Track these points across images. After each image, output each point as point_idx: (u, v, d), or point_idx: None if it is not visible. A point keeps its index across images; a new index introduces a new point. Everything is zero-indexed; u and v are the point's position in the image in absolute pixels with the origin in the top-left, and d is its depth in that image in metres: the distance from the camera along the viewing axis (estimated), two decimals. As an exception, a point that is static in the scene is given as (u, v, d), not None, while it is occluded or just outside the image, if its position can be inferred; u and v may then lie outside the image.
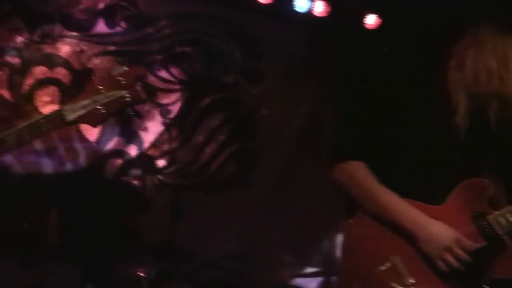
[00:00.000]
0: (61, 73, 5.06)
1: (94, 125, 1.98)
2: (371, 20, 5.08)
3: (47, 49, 5.08)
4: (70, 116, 1.94)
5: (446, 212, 2.42)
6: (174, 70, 5.04)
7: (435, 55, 2.63)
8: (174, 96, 5.05)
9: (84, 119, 1.95)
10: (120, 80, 1.93)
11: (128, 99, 1.93)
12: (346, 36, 5.16)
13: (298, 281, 5.04)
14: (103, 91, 1.93)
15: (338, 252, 4.95)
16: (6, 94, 4.77)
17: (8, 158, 4.61)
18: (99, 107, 1.93)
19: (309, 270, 5.07)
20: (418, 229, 2.36)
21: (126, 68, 1.98)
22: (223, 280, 4.86)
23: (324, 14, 5.04)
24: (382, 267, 2.35)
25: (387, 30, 4.99)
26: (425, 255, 2.36)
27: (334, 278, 4.86)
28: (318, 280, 5.03)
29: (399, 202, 2.43)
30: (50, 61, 5.06)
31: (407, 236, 2.38)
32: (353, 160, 2.55)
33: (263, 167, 5.04)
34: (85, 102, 1.94)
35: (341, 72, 5.05)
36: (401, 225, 2.39)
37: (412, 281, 2.32)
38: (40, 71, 5.05)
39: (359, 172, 2.52)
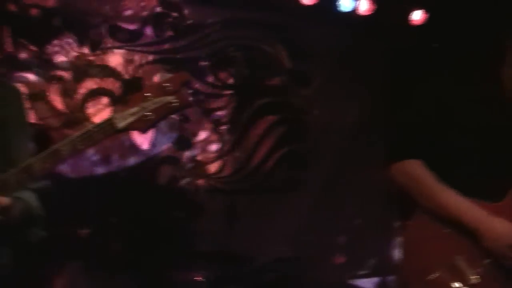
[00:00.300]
0: (111, 83, 5.15)
1: (143, 131, 1.98)
2: (417, 16, 5.03)
3: (97, 60, 5.18)
4: (121, 124, 1.96)
5: (506, 209, 2.38)
6: (222, 76, 5.08)
7: (489, 49, 2.58)
8: (223, 101, 5.09)
9: (134, 126, 1.96)
10: (166, 86, 1.96)
11: (175, 104, 1.95)
12: (393, 34, 5.12)
13: (353, 283, 5.00)
14: (151, 98, 1.96)
15: (394, 253, 4.90)
16: (59, 105, 4.87)
17: (65, 167, 4.72)
18: (148, 113, 1.95)
19: (364, 272, 5.03)
20: (483, 228, 2.31)
21: (171, 75, 2.03)
22: (278, 283, 4.85)
23: (369, 13, 5.01)
24: (445, 268, 2.32)
25: (435, 25, 4.92)
26: (491, 253, 2.31)
27: (389, 279, 4.82)
28: (373, 282, 4.98)
29: (461, 201, 2.38)
30: (101, 72, 5.16)
31: (470, 235, 2.34)
32: (411, 159, 2.51)
33: (314, 168, 5.02)
34: (134, 109, 1.96)
35: (391, 70, 5.00)
36: (465, 223, 2.34)
37: (477, 280, 2.28)
38: (91, 82, 5.15)
39: (418, 171, 2.47)
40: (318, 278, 4.84)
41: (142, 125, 1.97)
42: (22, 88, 4.27)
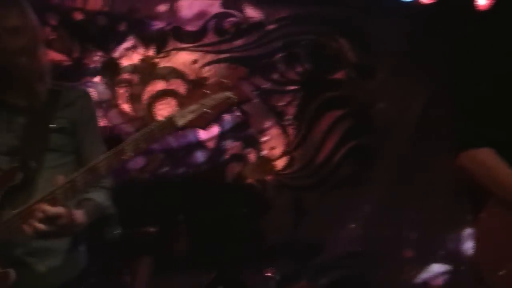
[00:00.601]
0: (177, 84, 5.23)
1: (203, 128, 2.04)
2: (483, 0, 4.88)
3: (162, 62, 5.26)
4: (181, 122, 2.01)
5: None
6: (286, 72, 5.08)
7: None
8: (288, 97, 5.08)
9: (193, 123, 2.01)
10: (224, 82, 1.99)
11: (233, 99, 1.99)
12: (457, 22, 4.98)
13: (423, 277, 4.91)
14: (209, 95, 2.00)
15: (465, 246, 4.80)
16: (127, 108, 4.97)
17: (133, 166, 4.82)
18: (207, 110, 1.98)
19: (434, 266, 4.93)
20: None
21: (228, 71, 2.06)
22: (348, 278, 4.83)
23: (431, 1, 4.90)
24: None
25: (503, 9, 4.76)
26: None
27: (460, 273, 4.72)
28: (443, 276, 4.88)
29: None
30: (166, 73, 5.24)
31: None
32: (483, 148, 2.45)
33: (381, 162, 4.95)
34: (194, 107, 2.01)
35: (456, 59, 4.88)
36: None
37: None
38: (157, 84, 5.25)
39: (490, 159, 2.40)
40: (386, 273, 4.79)
41: (202, 122, 2.01)
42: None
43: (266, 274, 4.10)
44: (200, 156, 5.07)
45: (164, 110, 5.12)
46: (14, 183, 2.17)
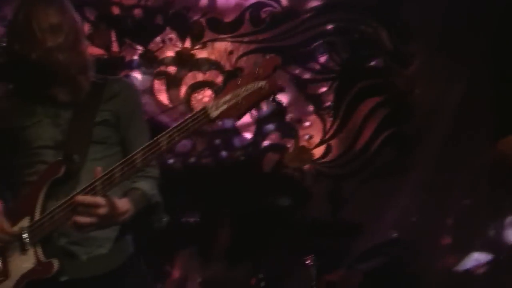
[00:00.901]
0: (213, 75, 5.26)
1: (237, 118, 2.01)
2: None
3: (199, 54, 5.29)
4: (214, 113, 1.99)
5: None
6: (323, 60, 5.06)
7: None
8: (325, 86, 5.06)
9: (227, 113, 1.98)
10: (258, 72, 1.96)
11: (267, 89, 1.95)
12: (496, 6, 4.88)
13: (464, 265, 4.85)
14: (243, 85, 1.97)
15: (506, 234, 4.73)
16: (165, 100, 5.02)
17: (171, 158, 4.88)
18: (240, 100, 1.96)
19: (475, 254, 4.87)
20: None
21: (262, 60, 2.04)
22: (388, 266, 4.80)
23: (470, -15, 4.81)
24: None
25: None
26: None
27: (501, 261, 4.66)
28: (485, 263, 4.82)
29: None
30: (203, 65, 5.27)
31: None
32: None
33: (421, 149, 4.89)
34: (227, 97, 1.98)
35: (495, 44, 4.77)
36: None
37: None
38: (194, 75, 5.28)
39: None
40: (426, 261, 4.75)
41: (235, 112, 1.98)
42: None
43: (306, 262, 4.10)
44: (238, 145, 5.09)
45: (201, 101, 5.16)
46: (58, 176, 2.23)
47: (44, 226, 2.17)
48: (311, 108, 5.07)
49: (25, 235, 2.19)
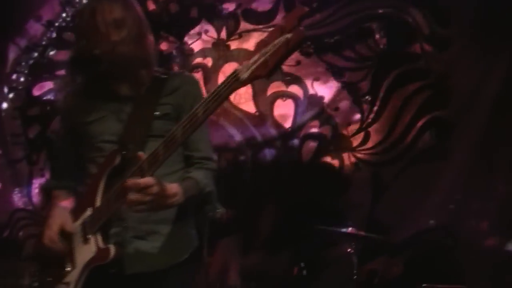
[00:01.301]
0: (249, 64, 5.26)
1: (267, 76, 1.95)
2: None
3: (234, 45, 5.31)
4: (244, 75, 1.96)
5: None
6: (359, 48, 5.02)
7: None
8: (362, 74, 5.03)
9: (256, 73, 1.94)
10: (283, 25, 1.93)
11: (292, 40, 1.90)
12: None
13: (506, 250, 4.78)
14: (269, 42, 1.93)
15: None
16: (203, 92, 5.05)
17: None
18: (268, 57, 1.92)
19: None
20: None
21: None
22: (430, 253, 4.77)
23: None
24: None
25: None
26: None
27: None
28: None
29: None
30: (239, 55, 5.29)
31: None
32: None
33: (461, 134, 4.83)
34: (255, 57, 1.95)
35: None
36: None
37: None
38: (230, 66, 5.30)
39: None
40: (468, 246, 4.70)
41: (264, 71, 1.94)
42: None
43: (347, 250, 4.10)
44: (276, 135, 5.11)
45: (238, 92, 5.18)
46: (114, 165, 2.30)
47: (102, 214, 2.26)
48: (348, 96, 5.04)
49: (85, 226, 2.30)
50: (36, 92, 5.67)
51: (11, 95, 5.70)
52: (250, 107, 5.12)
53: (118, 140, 2.37)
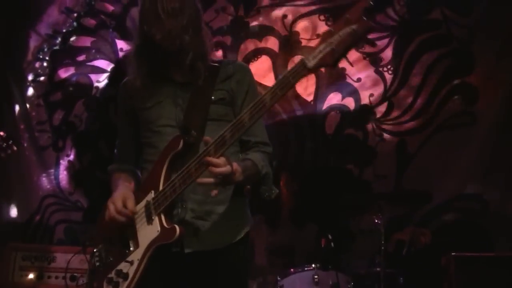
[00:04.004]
0: (270, 41, 5.24)
1: (333, 65, 2.09)
2: None
3: (253, 21, 5.29)
4: (312, 63, 2.08)
5: None
6: (379, 17, 4.96)
7: None
8: (383, 43, 4.98)
9: (323, 61, 2.07)
10: (348, 17, 2.05)
11: (360, 31, 2.03)
12: None
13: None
14: (336, 32, 2.06)
15: None
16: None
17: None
18: (335, 47, 2.04)
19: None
20: None
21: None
22: (461, 221, 4.72)
23: None
24: None
25: None
26: None
27: None
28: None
29: None
30: (258, 32, 5.27)
31: None
32: None
33: (487, 99, 4.76)
34: (322, 46, 2.07)
35: None
36: None
37: None
38: (250, 43, 5.29)
39: None
40: (497, 214, 4.64)
41: (330, 59, 2.07)
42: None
43: (375, 221, 4.08)
44: (299, 108, 5.09)
45: (260, 67, 5.17)
46: (177, 150, 2.40)
47: (167, 195, 2.35)
48: (370, 66, 5.00)
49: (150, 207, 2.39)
50: (57, 78, 5.73)
51: (34, 83, 5.76)
52: (271, 81, 5.10)
53: (179, 125, 2.48)
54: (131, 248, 2.41)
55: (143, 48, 2.49)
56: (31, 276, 4.33)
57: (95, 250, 2.56)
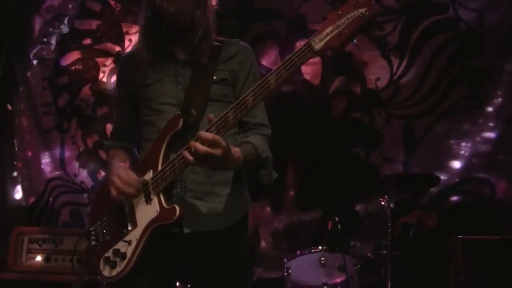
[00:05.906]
0: (276, 24, 5.23)
1: (339, 48, 2.07)
2: None
3: (258, 4, 5.27)
4: (318, 45, 2.07)
5: None
6: (386, 1, 4.95)
7: None
8: (389, 26, 4.96)
9: (329, 44, 2.05)
10: (357, 0, 2.03)
11: (368, 15, 2.01)
12: None
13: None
14: (344, 14, 2.05)
15: None
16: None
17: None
18: (342, 29, 2.03)
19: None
20: None
21: None
22: (468, 204, 4.73)
23: None
24: None
25: None
26: None
27: None
28: None
29: None
30: (263, 15, 5.25)
31: None
32: None
33: (495, 83, 4.74)
34: (329, 29, 2.06)
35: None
36: None
37: None
38: (257, 27, 5.27)
39: None
40: (504, 197, 4.65)
41: (337, 42, 2.05)
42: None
43: (381, 204, 4.08)
44: (305, 92, 5.08)
45: (265, 51, 5.16)
46: (177, 129, 2.37)
47: (166, 175, 2.32)
48: (376, 49, 4.98)
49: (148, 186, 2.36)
50: (63, 62, 5.72)
51: (40, 66, 5.76)
52: (276, 64, 5.09)
53: (180, 104, 2.44)
54: (129, 228, 2.39)
55: (152, 21, 2.45)
56: (38, 258, 4.34)
57: (91, 229, 2.53)
